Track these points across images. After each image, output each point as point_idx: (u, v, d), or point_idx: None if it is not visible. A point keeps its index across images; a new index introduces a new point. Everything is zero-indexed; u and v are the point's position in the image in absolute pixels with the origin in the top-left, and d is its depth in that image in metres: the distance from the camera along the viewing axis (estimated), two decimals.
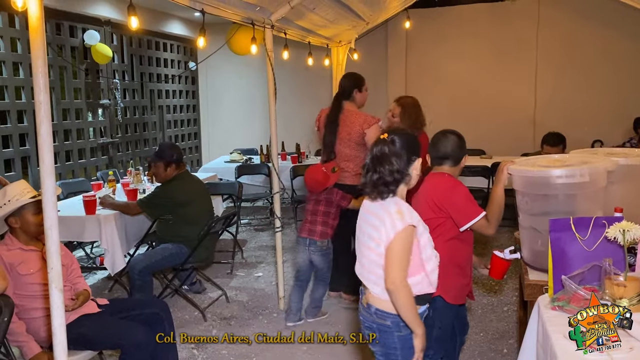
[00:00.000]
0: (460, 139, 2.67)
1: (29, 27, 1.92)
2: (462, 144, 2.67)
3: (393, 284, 1.93)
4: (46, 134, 1.94)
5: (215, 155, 8.88)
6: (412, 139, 2.08)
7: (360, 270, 2.14)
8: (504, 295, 4.50)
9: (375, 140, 2.07)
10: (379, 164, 1.99)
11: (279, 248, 4.36)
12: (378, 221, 2.00)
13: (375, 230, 2.01)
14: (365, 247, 2.08)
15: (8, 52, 5.44)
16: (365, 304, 2.11)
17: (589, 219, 2.01)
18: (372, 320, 2.09)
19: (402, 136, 2.04)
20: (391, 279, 1.93)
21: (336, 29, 5.51)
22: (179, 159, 4.27)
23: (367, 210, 2.10)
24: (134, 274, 3.99)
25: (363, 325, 2.16)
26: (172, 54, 8.61)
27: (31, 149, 5.69)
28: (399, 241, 1.94)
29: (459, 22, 8.21)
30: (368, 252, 2.05)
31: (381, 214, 2.00)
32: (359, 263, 2.15)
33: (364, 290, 2.14)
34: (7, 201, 2.71)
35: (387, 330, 2.05)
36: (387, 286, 1.95)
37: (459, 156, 2.65)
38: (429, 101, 7.50)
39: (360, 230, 2.15)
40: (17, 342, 2.61)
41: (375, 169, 2.00)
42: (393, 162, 1.98)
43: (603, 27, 7.55)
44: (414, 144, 2.07)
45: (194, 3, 3.32)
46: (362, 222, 2.13)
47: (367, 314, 2.11)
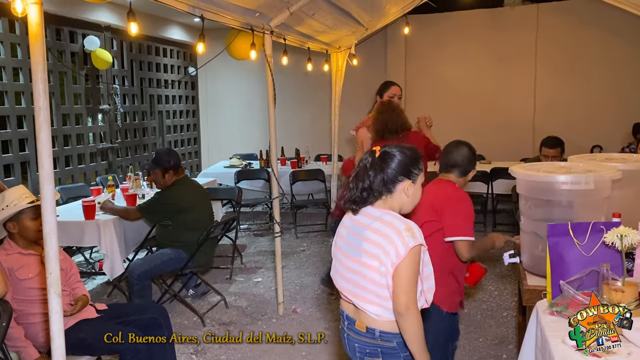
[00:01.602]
0: (471, 153, 2.70)
1: (29, 33, 1.93)
2: (473, 158, 2.70)
3: (406, 307, 1.81)
4: (45, 139, 1.94)
5: (214, 160, 8.89)
6: (405, 158, 1.92)
7: (345, 286, 1.97)
8: (503, 300, 4.50)
9: (365, 152, 2.01)
10: (357, 177, 1.94)
11: (278, 253, 4.36)
12: (381, 238, 1.85)
13: (378, 247, 1.85)
14: (359, 264, 1.90)
15: (8, 57, 5.45)
16: (363, 328, 1.93)
17: (587, 224, 2.02)
18: (375, 344, 1.92)
19: (394, 154, 1.92)
20: (404, 302, 1.80)
21: (335, 34, 5.53)
22: (177, 164, 4.27)
23: (358, 223, 1.95)
24: (133, 279, 3.99)
25: (360, 353, 1.97)
26: (171, 59, 8.63)
27: (31, 154, 5.69)
28: (410, 261, 1.81)
29: (458, 28, 8.24)
30: (365, 270, 1.88)
31: (386, 231, 1.85)
32: (342, 278, 1.99)
33: (355, 314, 1.97)
34: (5, 206, 2.72)
35: (393, 352, 1.91)
36: (399, 309, 1.81)
37: (468, 169, 2.68)
38: (428, 107, 7.53)
39: (346, 243, 1.99)
40: (16, 347, 2.61)
41: (353, 184, 1.94)
42: (367, 178, 1.90)
43: (602, 33, 7.58)
44: (405, 165, 1.91)
45: (193, 9, 3.33)
46: (352, 235, 1.96)
47: (368, 339, 1.93)
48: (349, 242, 1.97)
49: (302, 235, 6.73)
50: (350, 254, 1.95)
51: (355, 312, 1.97)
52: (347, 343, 2.04)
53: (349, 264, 1.95)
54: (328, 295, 4.68)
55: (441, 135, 4.09)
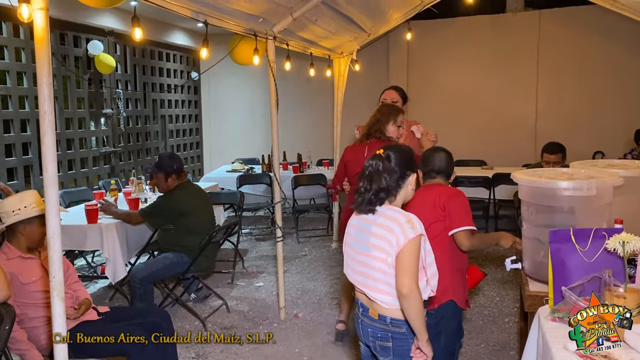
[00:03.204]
0: (449, 156, 2.82)
1: (34, 38, 1.94)
2: (452, 160, 2.83)
3: (408, 289, 1.97)
4: (50, 144, 1.95)
5: (217, 164, 8.90)
6: (406, 155, 2.15)
7: (358, 278, 2.15)
8: (505, 306, 4.49)
9: (371, 156, 2.17)
10: (371, 180, 2.11)
11: (280, 258, 4.36)
12: (386, 231, 2.03)
13: (383, 240, 2.03)
14: (369, 257, 2.09)
15: (12, 61, 5.47)
16: (375, 316, 2.12)
17: (589, 230, 2.02)
18: (387, 330, 2.11)
19: (397, 152, 2.13)
20: (406, 284, 1.97)
21: (338, 40, 5.55)
22: (179, 169, 4.28)
23: (365, 220, 2.13)
24: (135, 283, 4.00)
25: (372, 337, 2.16)
26: (174, 64, 8.66)
27: (34, 158, 5.71)
28: (410, 249, 1.99)
29: (460, 33, 8.25)
30: (374, 262, 2.07)
31: (389, 224, 2.03)
32: (354, 271, 2.17)
33: (368, 303, 2.15)
34: (23, 207, 2.75)
35: (403, 338, 2.09)
36: (402, 291, 1.98)
37: (450, 172, 2.81)
38: (430, 113, 7.56)
39: (355, 239, 2.17)
40: (19, 350, 2.61)
41: (367, 186, 2.11)
42: (384, 179, 2.08)
43: (604, 39, 7.59)
44: (409, 160, 2.14)
45: (197, 14, 3.35)
46: (360, 232, 2.15)
47: (380, 325, 2.12)
48: (358, 239, 2.15)
49: (303, 240, 6.73)
50: (360, 250, 2.14)
51: (368, 301, 2.16)
52: (360, 328, 2.23)
53: (360, 258, 2.14)
54: (330, 300, 4.68)
55: (443, 141, 4.10)
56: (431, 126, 4.26)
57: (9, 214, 2.77)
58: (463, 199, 2.69)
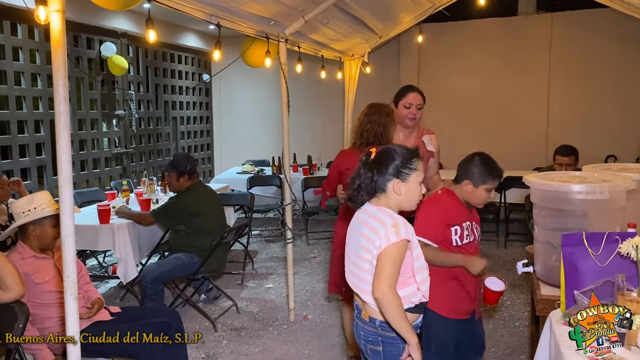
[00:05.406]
0: (469, 163, 2.58)
1: (50, 40, 1.97)
2: (468, 168, 2.57)
3: (381, 292, 1.91)
4: (65, 144, 1.97)
5: (227, 166, 8.94)
6: (388, 154, 2.02)
7: (352, 280, 2.12)
8: (516, 310, 4.47)
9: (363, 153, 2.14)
10: (353, 177, 2.09)
11: (289, 259, 4.37)
12: (371, 232, 1.98)
13: (369, 241, 1.98)
14: (358, 258, 2.05)
15: (27, 63, 5.54)
16: (367, 318, 2.08)
17: (601, 234, 2.01)
18: (376, 333, 2.06)
19: (381, 151, 2.05)
20: (379, 287, 1.92)
21: (349, 42, 5.55)
22: (193, 170, 4.31)
23: (359, 220, 2.09)
24: (146, 283, 4.02)
25: (364, 340, 2.12)
26: (186, 66, 8.71)
27: (47, 159, 5.77)
28: (391, 253, 1.93)
29: (472, 36, 8.23)
30: (363, 263, 2.02)
31: (375, 226, 1.98)
32: (349, 272, 2.13)
33: (361, 305, 2.11)
34: (33, 208, 2.78)
35: (392, 342, 2.03)
36: (375, 294, 1.93)
37: (460, 177, 2.58)
38: (441, 115, 7.54)
39: (350, 239, 2.13)
40: (31, 349, 2.64)
41: (352, 182, 2.09)
42: (362, 176, 2.04)
43: (616, 42, 7.53)
44: (395, 164, 2.00)
45: (210, 17, 3.37)
46: (353, 231, 2.11)
47: (370, 328, 2.08)
48: (353, 239, 2.12)
49: (313, 241, 6.74)
50: (353, 250, 2.10)
51: (362, 303, 2.11)
52: (355, 331, 2.18)
53: (353, 259, 2.10)
54: (339, 303, 4.68)
55: (455, 144, 4.09)
56: (442, 129, 4.24)
57: (19, 215, 2.80)
58: (431, 208, 2.53)
